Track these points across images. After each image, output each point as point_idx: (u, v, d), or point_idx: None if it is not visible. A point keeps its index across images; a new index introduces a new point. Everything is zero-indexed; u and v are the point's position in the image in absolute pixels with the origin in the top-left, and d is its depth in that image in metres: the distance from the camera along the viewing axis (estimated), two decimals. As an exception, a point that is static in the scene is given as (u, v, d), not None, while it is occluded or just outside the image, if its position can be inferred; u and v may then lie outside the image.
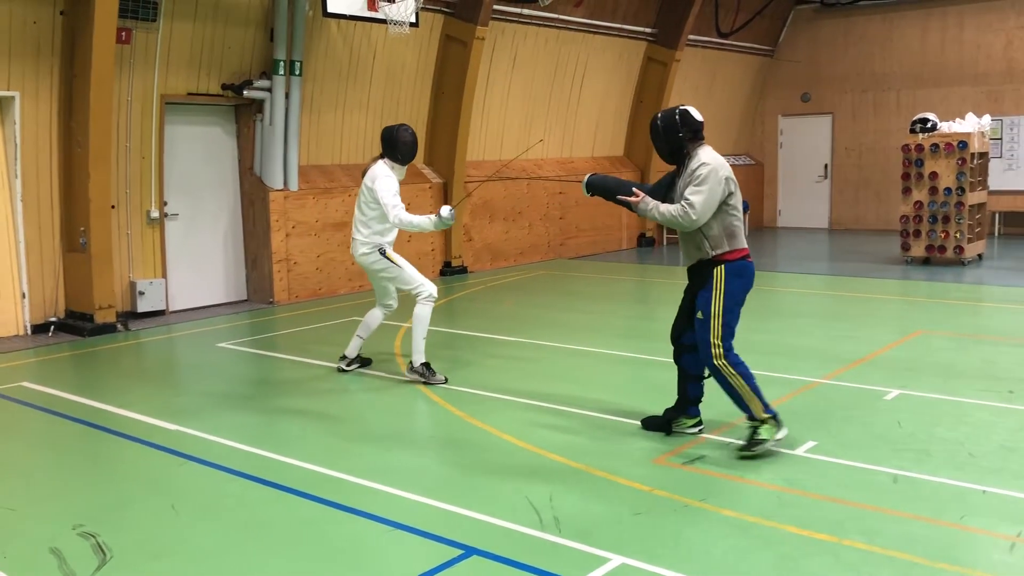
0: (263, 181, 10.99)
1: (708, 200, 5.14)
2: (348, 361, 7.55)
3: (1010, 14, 16.61)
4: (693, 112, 5.36)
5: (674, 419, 5.67)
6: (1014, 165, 16.61)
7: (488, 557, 4.00)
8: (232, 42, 10.52)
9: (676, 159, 5.38)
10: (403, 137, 6.99)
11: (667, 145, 5.36)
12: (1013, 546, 4.01)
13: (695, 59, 17.26)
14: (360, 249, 7.09)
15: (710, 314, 5.23)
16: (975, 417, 5.92)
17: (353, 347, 7.55)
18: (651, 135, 5.44)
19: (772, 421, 5.22)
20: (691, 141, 5.33)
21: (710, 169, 5.19)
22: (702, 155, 5.29)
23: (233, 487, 4.99)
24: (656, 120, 5.39)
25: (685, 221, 5.14)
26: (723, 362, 5.23)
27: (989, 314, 9.97)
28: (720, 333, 5.22)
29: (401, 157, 7.03)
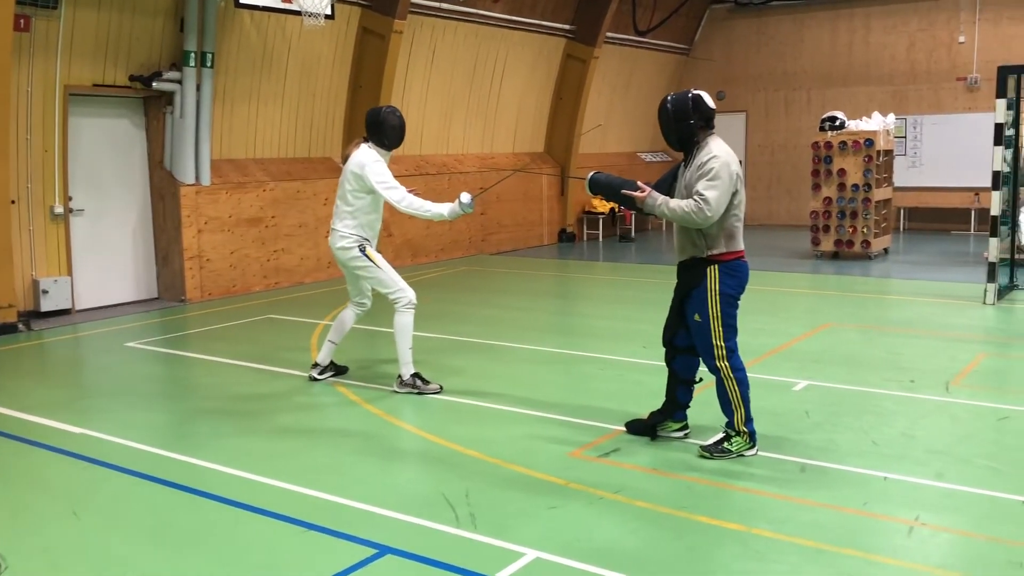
0: (174, 175, 10.69)
1: (722, 196, 4.91)
2: (320, 369, 6.99)
3: (912, 17, 17.25)
4: (706, 98, 5.09)
5: (660, 423, 5.49)
6: (917, 163, 17.27)
7: (403, 556, 3.97)
8: (140, 32, 10.19)
9: (685, 147, 5.12)
10: (391, 121, 6.47)
11: (676, 132, 5.08)
12: (911, 530, 4.16)
13: (613, 57, 17.44)
14: (340, 242, 6.54)
15: (708, 316, 5.06)
16: (879, 406, 6.13)
17: (324, 354, 6.98)
18: (659, 119, 5.15)
19: (747, 437, 5.14)
20: (702, 129, 5.08)
21: (722, 163, 4.94)
22: (713, 146, 5.03)
23: (140, 491, 4.83)
24: (666, 103, 5.10)
25: (699, 218, 4.90)
26: (725, 364, 5.08)
27: (894, 306, 10.34)
28: (722, 334, 5.07)
29: (388, 142, 6.51)
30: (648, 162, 19.34)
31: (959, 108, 16.93)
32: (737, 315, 5.18)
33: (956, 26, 16.82)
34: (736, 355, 5.13)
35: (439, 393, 6.55)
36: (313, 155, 12.61)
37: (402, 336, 6.52)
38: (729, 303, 5.10)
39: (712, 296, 5.06)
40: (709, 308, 5.07)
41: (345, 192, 6.51)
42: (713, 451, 5.14)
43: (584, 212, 17.24)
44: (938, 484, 4.72)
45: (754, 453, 5.15)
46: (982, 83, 16.45)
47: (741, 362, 5.15)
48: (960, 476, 4.82)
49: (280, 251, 11.84)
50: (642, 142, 19.50)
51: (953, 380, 6.72)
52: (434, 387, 6.62)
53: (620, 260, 14.53)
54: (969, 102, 16.82)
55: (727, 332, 5.09)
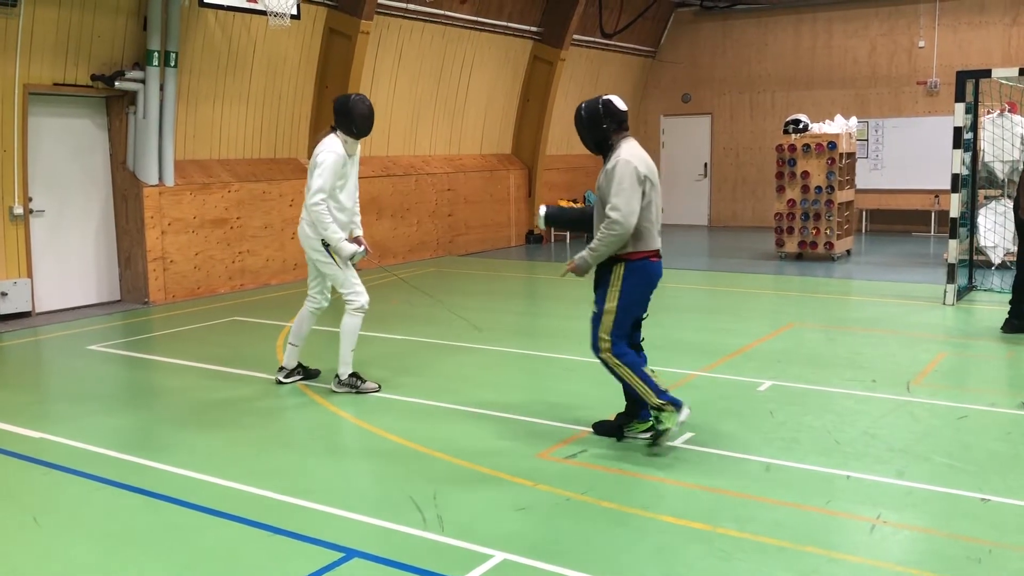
0: (137, 176, 10.55)
1: (629, 200, 5.02)
2: (286, 372, 6.92)
3: (873, 21, 17.51)
4: (617, 101, 5.25)
5: (626, 424, 5.53)
6: (879, 165, 17.53)
7: (369, 559, 3.95)
8: (102, 31, 10.05)
9: (601, 150, 5.28)
10: (359, 108, 6.36)
11: (591, 136, 5.26)
12: (873, 528, 4.23)
13: (580, 59, 17.51)
14: (307, 229, 6.48)
15: (603, 309, 5.22)
16: (841, 405, 6.22)
17: (288, 357, 6.91)
18: (575, 125, 5.32)
19: (669, 406, 5.17)
20: (615, 132, 5.23)
21: (627, 167, 5.07)
22: (623, 150, 5.16)
23: (101, 496, 4.77)
24: (580, 110, 5.27)
25: (617, 231, 5.03)
26: (608, 355, 5.24)
27: (856, 307, 10.48)
28: (610, 328, 5.21)
29: (356, 130, 6.38)
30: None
31: (919, 112, 17.21)
32: (632, 316, 5.27)
33: (916, 31, 17.10)
34: (620, 345, 5.25)
35: (377, 392, 6.61)
36: (279, 156, 12.52)
37: (347, 338, 6.55)
38: (627, 301, 5.21)
39: (612, 291, 5.20)
40: (606, 302, 5.22)
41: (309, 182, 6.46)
42: (655, 440, 5.26)
43: (551, 213, 17.25)
44: (899, 482, 4.79)
45: (687, 414, 5.24)
46: (941, 87, 16.74)
47: (625, 348, 5.27)
48: (920, 474, 4.90)
49: (245, 252, 11.74)
50: (609, 144, 19.56)
51: (914, 380, 6.83)
52: (372, 386, 6.65)
53: (587, 261, 14.56)
54: (929, 106, 17.11)
55: (616, 328, 5.22)
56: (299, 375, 6.99)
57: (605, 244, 5.10)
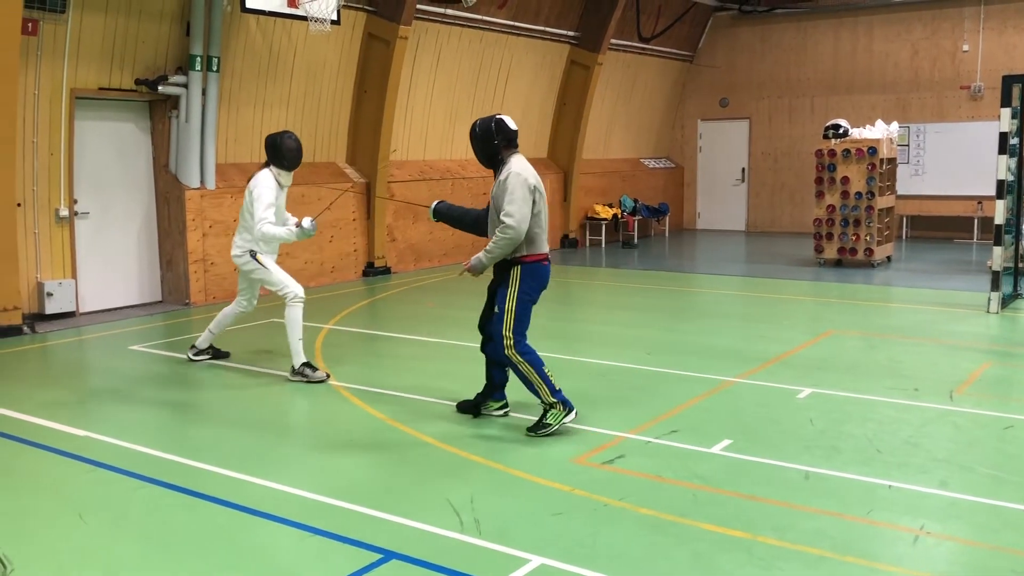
0: (179, 179, 10.71)
1: (522, 207, 5.55)
2: (196, 351, 7.82)
3: (916, 25, 17.27)
4: (508, 121, 5.77)
5: (482, 403, 6.10)
6: (920, 171, 17.28)
7: (407, 561, 3.97)
8: (146, 36, 10.23)
9: (492, 164, 5.81)
10: (287, 144, 7.11)
11: (483, 151, 5.78)
12: (916, 539, 4.17)
13: (617, 63, 17.47)
14: (234, 250, 7.39)
15: (504, 309, 5.66)
16: (882, 414, 6.13)
17: (203, 339, 7.81)
18: (471, 141, 5.84)
19: (560, 406, 5.65)
20: (505, 148, 5.75)
21: (519, 179, 5.58)
22: (513, 164, 5.68)
23: (144, 494, 4.84)
24: (475, 127, 5.79)
25: (511, 235, 5.53)
26: (512, 352, 5.62)
27: (897, 314, 10.34)
28: (512, 327, 5.63)
29: (287, 163, 7.16)
30: (651, 168, 19.36)
31: (962, 117, 16.93)
32: (530, 313, 5.75)
33: (960, 35, 16.84)
34: (523, 343, 5.68)
35: (325, 381, 7.06)
36: (318, 160, 12.63)
37: (292, 328, 7.16)
38: (525, 300, 5.70)
39: (511, 292, 5.68)
40: (507, 302, 5.68)
41: (244, 210, 7.24)
42: (537, 430, 5.66)
43: (587, 218, 17.26)
44: (942, 493, 4.72)
45: (573, 418, 5.68)
46: (986, 92, 16.46)
47: (528, 347, 5.71)
48: (964, 485, 4.82)
49: (284, 255, 11.76)
50: (645, 148, 19.52)
51: (957, 389, 6.72)
52: (320, 375, 7.13)
53: (622, 266, 14.54)
54: (972, 111, 16.83)
55: (517, 325, 5.66)
56: (208, 355, 7.85)
57: (499, 247, 5.61)
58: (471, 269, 5.85)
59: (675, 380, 7.13)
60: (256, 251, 7.29)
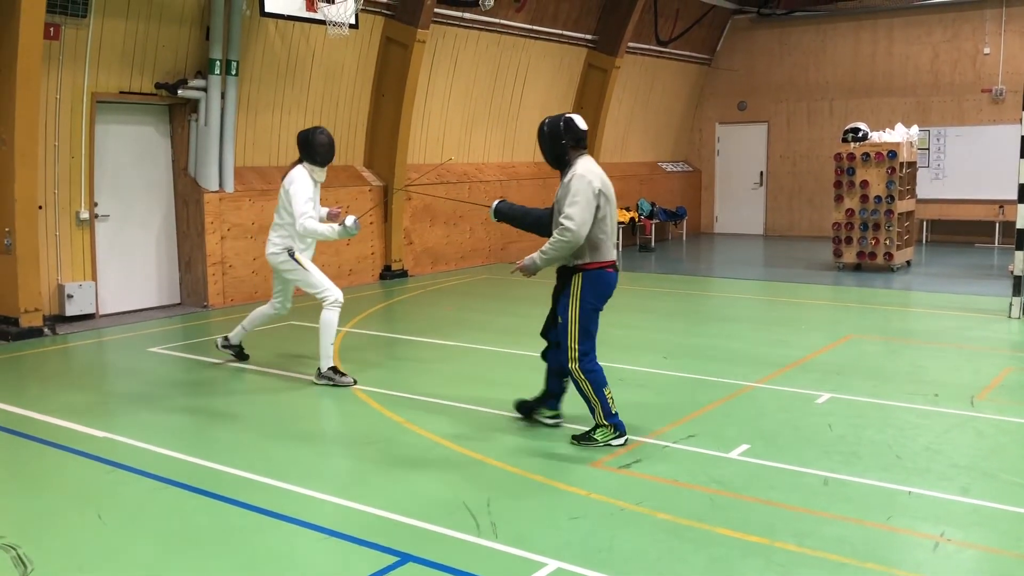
0: (198, 182, 10.78)
1: (583, 211, 5.27)
2: (227, 343, 7.79)
3: (936, 28, 17.15)
4: (577, 120, 5.53)
5: (535, 408, 5.98)
6: (941, 174, 17.14)
7: (424, 564, 3.97)
8: (166, 40, 10.30)
9: (559, 165, 5.54)
10: (319, 139, 7.03)
11: (551, 151, 5.53)
12: (936, 545, 4.12)
13: (635, 66, 17.45)
14: (270, 249, 7.22)
15: (568, 319, 5.42)
16: (902, 420, 6.08)
17: (236, 334, 7.75)
18: (539, 141, 5.60)
19: (611, 428, 5.50)
20: (573, 149, 5.49)
21: (583, 182, 5.33)
22: (578, 166, 5.43)
23: (162, 495, 4.87)
24: (543, 126, 5.56)
25: (569, 237, 5.26)
26: (576, 367, 5.44)
27: (916, 319, 10.26)
28: (577, 338, 5.40)
29: (319, 159, 7.06)
30: (668, 172, 19.31)
31: (983, 120, 16.79)
32: (597, 321, 5.50)
33: (981, 37, 16.71)
34: (589, 358, 5.46)
35: (352, 385, 6.96)
36: (336, 163, 12.64)
37: (325, 331, 7.00)
38: (588, 310, 5.43)
39: (573, 301, 5.42)
40: (569, 312, 5.43)
41: (280, 207, 7.13)
42: (581, 440, 5.54)
43: (604, 221, 17.21)
44: (963, 499, 4.67)
45: (622, 442, 5.50)
46: (1007, 95, 16.32)
47: (595, 364, 5.49)
48: (986, 492, 4.77)
49: (302, 258, 11.88)
50: (663, 152, 19.48)
51: (978, 394, 6.65)
52: (348, 380, 7.01)
53: (640, 270, 14.50)
54: (994, 114, 16.68)
55: (582, 336, 5.42)
56: (233, 352, 7.81)
57: (556, 249, 5.34)
58: (524, 269, 5.60)
59: (693, 384, 7.10)
60: (294, 250, 7.14)
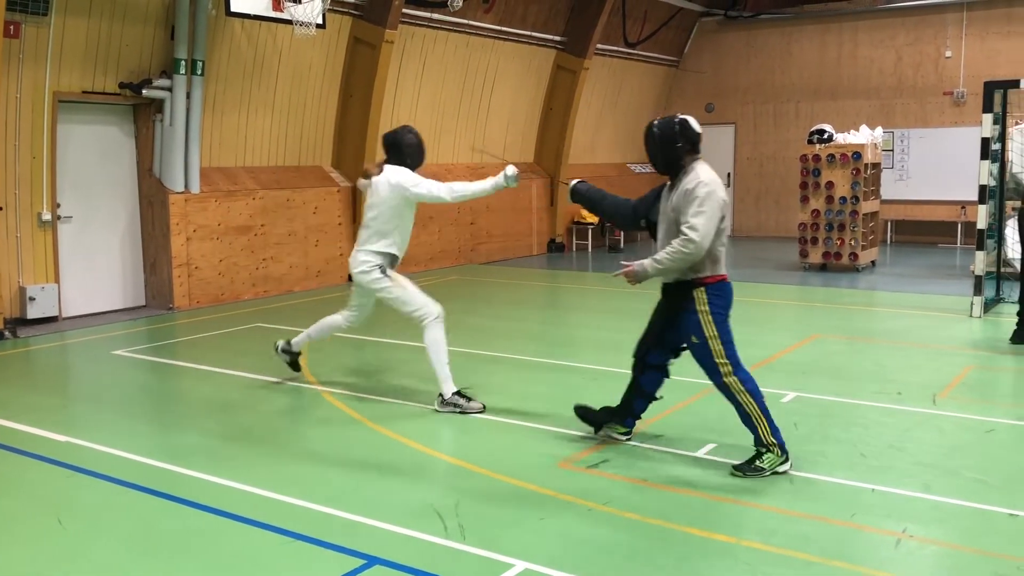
0: (163, 183, 10.65)
1: (709, 223, 4.93)
2: (288, 348, 7.09)
3: (899, 31, 17.39)
4: (693, 123, 5.15)
5: (607, 423, 5.61)
6: (904, 176, 17.38)
7: (392, 567, 3.95)
8: (130, 39, 10.17)
9: (671, 171, 5.15)
10: (408, 140, 6.39)
11: (663, 156, 5.12)
12: (899, 542, 4.17)
13: (603, 68, 17.51)
14: (360, 267, 6.43)
15: (705, 336, 5.05)
16: (866, 418, 6.15)
17: (299, 339, 7.06)
18: (646, 142, 5.20)
19: (778, 450, 5.02)
20: (689, 154, 5.12)
21: (708, 191, 4.96)
22: (700, 172, 5.05)
23: (124, 499, 4.80)
24: (652, 128, 5.16)
25: (692, 249, 4.91)
26: (733, 379, 5.05)
27: (881, 318, 10.38)
28: (723, 352, 5.05)
29: (411, 161, 6.39)
30: (638, 173, 19.39)
31: (946, 122, 17.05)
32: (731, 331, 5.16)
33: (943, 41, 16.97)
34: (742, 368, 5.10)
35: (482, 413, 6.25)
36: (303, 164, 12.60)
37: (436, 352, 6.28)
38: (721, 322, 5.10)
39: (705, 317, 5.06)
40: (704, 329, 5.06)
41: (381, 213, 6.36)
42: (746, 470, 5.03)
43: (573, 223, 17.27)
44: (926, 496, 4.73)
45: (788, 467, 5.03)
46: (968, 97, 16.58)
47: (748, 374, 5.11)
48: (947, 488, 4.84)
49: (269, 259, 11.81)
50: (631, 153, 19.56)
51: (940, 392, 6.75)
52: (476, 406, 6.27)
53: (609, 270, 14.53)
54: (956, 116, 16.95)
55: (727, 348, 5.07)
56: (289, 359, 7.12)
57: (674, 261, 4.96)
58: (631, 274, 5.14)
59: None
60: (386, 267, 6.45)
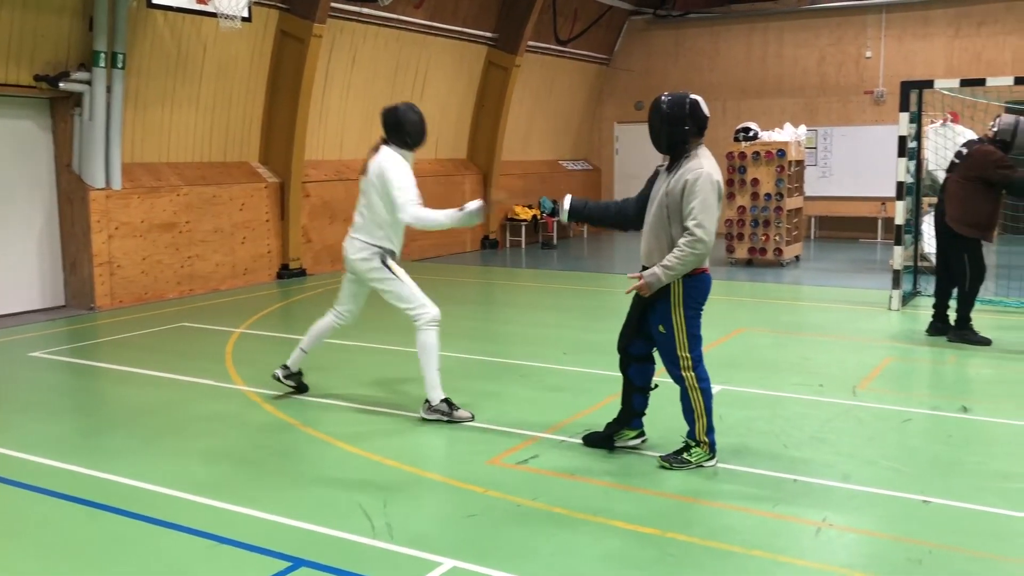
0: (83, 179, 10.34)
1: (712, 217, 4.83)
2: (288, 373, 6.57)
3: (823, 32, 17.83)
4: (703, 105, 4.98)
5: (616, 432, 5.42)
6: (827, 173, 17.83)
7: (318, 568, 3.90)
8: (46, 30, 9.83)
9: (673, 151, 4.99)
10: (410, 118, 6.05)
11: (668, 135, 4.94)
12: (819, 531, 4.28)
13: (535, 65, 17.56)
14: (359, 253, 6.07)
15: (673, 327, 5.01)
16: (789, 410, 6.30)
17: (294, 359, 6.54)
18: (651, 118, 4.99)
19: (707, 448, 5.10)
20: (695, 137, 4.97)
21: (711, 182, 4.85)
22: (704, 161, 4.92)
23: (41, 507, 4.65)
24: (661, 104, 4.95)
25: (701, 249, 4.81)
26: (691, 374, 5.04)
27: (804, 312, 10.64)
28: (687, 345, 5.03)
29: (411, 140, 6.06)
30: (570, 170, 19.52)
31: (867, 120, 17.55)
32: (701, 325, 5.14)
33: (863, 41, 17.45)
34: (702, 365, 5.09)
35: (471, 421, 6.02)
36: (229, 159, 12.36)
37: (427, 356, 6.02)
38: (692, 316, 5.05)
39: (676, 308, 5.02)
40: (674, 319, 5.02)
41: (371, 202, 6.03)
42: (673, 461, 5.10)
43: (507, 219, 17.30)
44: (845, 485, 4.87)
45: (713, 464, 5.11)
46: (888, 96, 17.08)
47: (706, 372, 5.12)
48: (865, 477, 4.98)
49: (195, 257, 11.56)
50: (563, 150, 19.67)
51: (860, 384, 6.94)
52: (465, 415, 6.03)
53: (542, 267, 14.62)
54: (876, 115, 17.45)
55: (692, 343, 5.05)
56: (294, 383, 6.62)
57: (684, 263, 4.83)
58: (644, 287, 4.97)
59: (591, 379, 7.19)
60: (388, 256, 6.10)
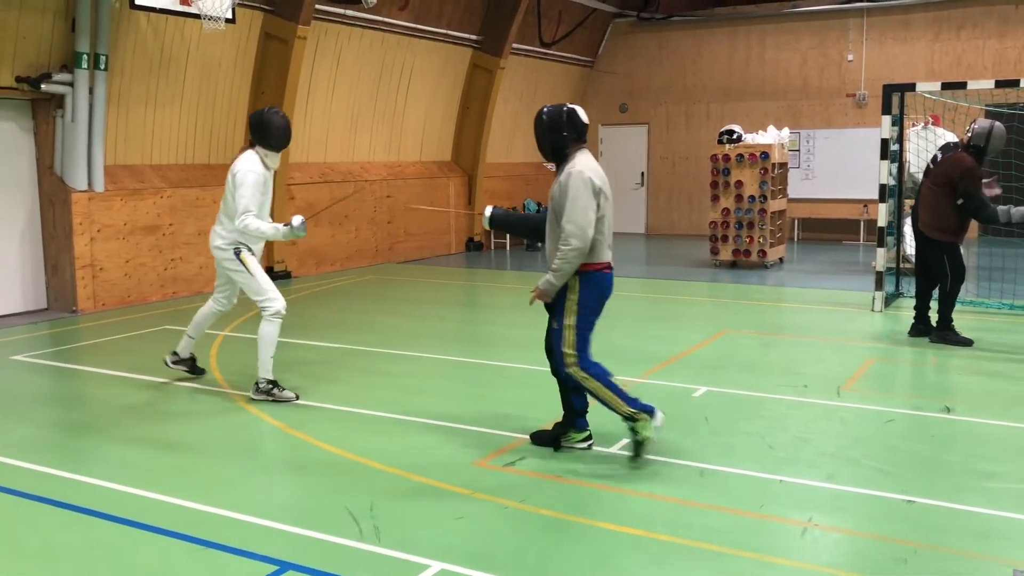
0: (65, 181, 10.26)
1: (585, 214, 5.01)
2: (177, 359, 7.17)
3: (804, 35, 17.95)
4: (581, 113, 5.25)
5: (563, 434, 5.47)
6: (810, 175, 17.94)
7: (304, 571, 3.89)
8: (27, 31, 9.76)
9: (557, 158, 5.26)
10: (274, 121, 6.46)
11: (550, 143, 5.23)
12: (804, 531, 4.31)
13: (519, 67, 17.58)
14: (216, 240, 6.64)
15: (563, 324, 5.16)
16: (774, 411, 6.33)
17: (184, 346, 7.15)
18: (535, 129, 5.28)
19: (642, 415, 5.13)
20: (574, 143, 5.21)
21: (582, 180, 5.04)
22: (577, 161, 5.15)
23: (22, 511, 4.61)
24: (542, 115, 5.25)
25: (576, 246, 4.99)
26: (575, 370, 5.16)
27: (788, 314, 10.70)
28: (573, 343, 5.14)
29: (274, 143, 6.48)
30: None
31: (849, 123, 17.67)
32: (595, 324, 5.25)
33: (845, 45, 17.58)
34: (585, 357, 5.19)
35: (295, 401, 6.56)
36: (213, 161, 12.30)
37: (265, 345, 6.52)
38: (586, 314, 5.18)
39: (570, 305, 5.16)
40: (565, 316, 5.17)
41: (227, 194, 6.52)
42: (636, 451, 5.23)
43: (491, 221, 17.27)
44: (829, 486, 4.90)
45: (661, 418, 5.19)
46: (869, 99, 17.21)
47: (591, 361, 5.21)
48: (850, 477, 5.02)
49: (178, 260, 11.50)
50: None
51: (843, 385, 6.99)
52: (289, 395, 6.61)
53: (526, 268, 14.63)
54: (858, 118, 17.58)
55: (578, 342, 5.16)
56: (186, 367, 7.19)
57: (566, 260, 5.03)
58: (542, 295, 5.19)
59: None
60: (241, 249, 6.58)
